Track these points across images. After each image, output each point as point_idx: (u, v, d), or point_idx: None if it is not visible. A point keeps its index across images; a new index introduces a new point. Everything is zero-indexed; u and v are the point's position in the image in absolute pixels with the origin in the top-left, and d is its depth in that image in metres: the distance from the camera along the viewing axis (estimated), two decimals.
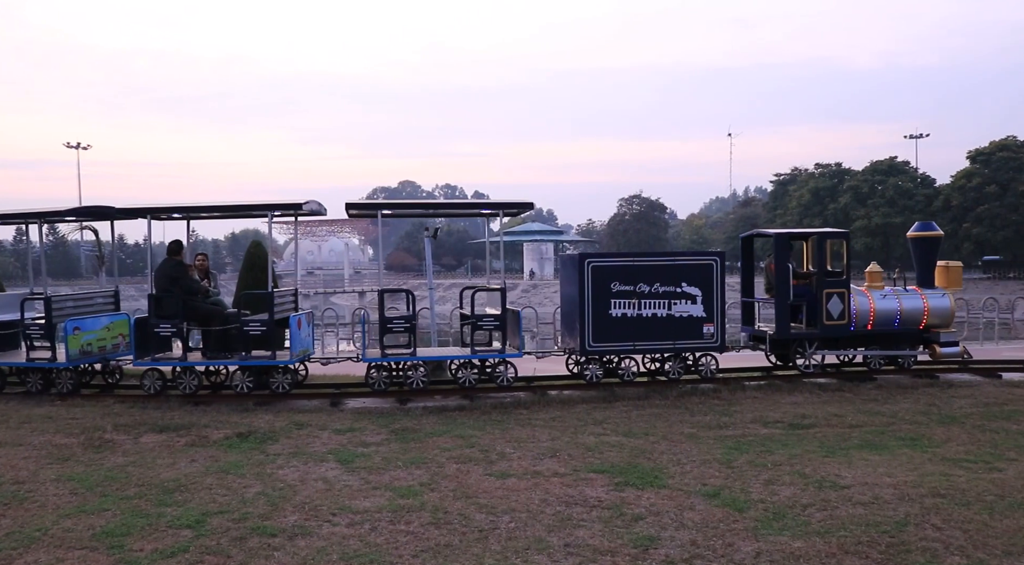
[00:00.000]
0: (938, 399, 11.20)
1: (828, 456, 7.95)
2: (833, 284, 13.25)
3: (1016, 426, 9.41)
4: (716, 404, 11.05)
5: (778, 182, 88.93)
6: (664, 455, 8.11)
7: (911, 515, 6.01)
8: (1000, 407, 10.63)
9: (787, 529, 5.75)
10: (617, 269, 12.62)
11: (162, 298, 11.74)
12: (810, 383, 12.68)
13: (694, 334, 12.68)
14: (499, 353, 12.14)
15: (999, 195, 66.00)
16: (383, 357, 11.84)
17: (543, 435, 9.14)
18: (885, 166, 77.63)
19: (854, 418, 9.94)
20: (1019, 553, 5.30)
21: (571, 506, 6.37)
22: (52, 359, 11.83)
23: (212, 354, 11.99)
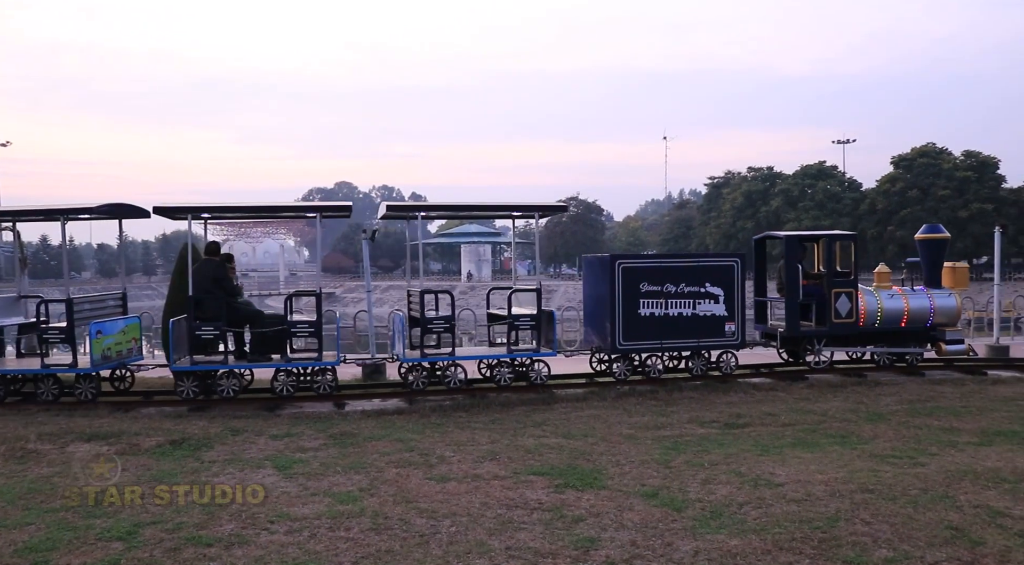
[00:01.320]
0: (866, 397, 11.56)
1: (763, 455, 8.12)
2: (841, 284, 13.82)
3: (937, 422, 9.76)
4: (654, 405, 11.20)
5: (712, 185, 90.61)
6: (603, 456, 8.18)
7: (842, 510, 6.18)
8: (923, 404, 11.02)
9: (724, 527, 5.86)
10: (646, 270, 13.03)
11: (203, 300, 11.46)
12: (744, 383, 12.95)
13: (717, 332, 13.14)
14: (534, 352, 12.40)
15: (920, 199, 68.41)
16: (423, 357, 12.02)
17: (483, 438, 9.14)
18: (815, 170, 79.80)
19: (787, 417, 10.18)
20: (941, 544, 5.50)
21: (512, 509, 6.38)
22: (74, 364, 11.29)
23: (253, 357, 11.80)
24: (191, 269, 11.41)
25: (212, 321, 11.40)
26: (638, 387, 12.63)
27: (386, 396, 12.18)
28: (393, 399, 11.93)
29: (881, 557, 5.25)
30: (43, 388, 11.55)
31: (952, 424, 9.62)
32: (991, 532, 5.76)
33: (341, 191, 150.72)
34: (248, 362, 11.78)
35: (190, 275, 11.40)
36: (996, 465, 7.63)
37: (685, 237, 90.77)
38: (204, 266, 11.73)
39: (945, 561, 5.21)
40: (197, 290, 11.46)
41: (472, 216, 15.94)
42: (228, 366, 11.54)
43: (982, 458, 7.92)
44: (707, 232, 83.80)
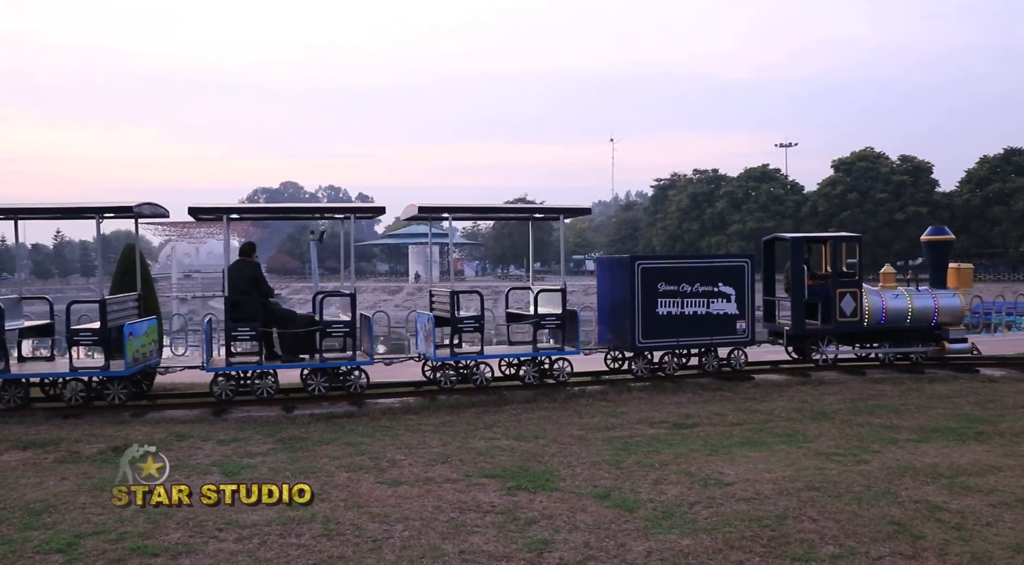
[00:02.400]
0: (810, 396, 11.79)
1: (712, 454, 8.23)
2: (846, 284, 14.28)
3: (879, 420, 10.01)
4: (603, 406, 11.27)
5: (658, 187, 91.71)
6: (555, 458, 8.20)
7: (789, 508, 6.30)
8: (864, 402, 11.28)
9: (676, 527, 5.92)
10: (664, 270, 13.48)
11: (240, 301, 11.38)
12: (693, 383, 13.11)
13: (729, 330, 13.61)
14: (559, 350, 12.68)
15: (860, 202, 70.21)
16: (452, 356, 12.24)
17: (434, 440, 9.09)
18: (758, 173, 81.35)
19: (734, 416, 10.34)
20: (884, 539, 5.64)
21: (465, 512, 6.36)
22: (106, 367, 11.03)
23: (287, 357, 11.75)
24: (226, 269, 11.43)
25: (249, 322, 11.34)
26: (587, 388, 12.70)
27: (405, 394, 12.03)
28: (342, 402, 11.80)
29: (828, 553, 5.37)
30: (68, 393, 11.15)
31: (892, 422, 9.88)
32: (931, 526, 5.92)
33: (287, 191, 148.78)
34: (281, 363, 11.70)
35: (225, 276, 11.38)
36: (934, 461, 7.85)
37: (632, 238, 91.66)
38: (241, 267, 11.71)
39: (888, 556, 5.34)
40: (233, 291, 11.39)
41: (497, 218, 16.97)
42: (263, 366, 11.48)
43: (921, 454, 8.15)
44: (653, 234, 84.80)
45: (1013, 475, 7.35)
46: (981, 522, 6.02)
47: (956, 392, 12.10)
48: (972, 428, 9.44)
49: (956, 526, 5.92)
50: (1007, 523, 6.01)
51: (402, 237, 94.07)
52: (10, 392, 10.97)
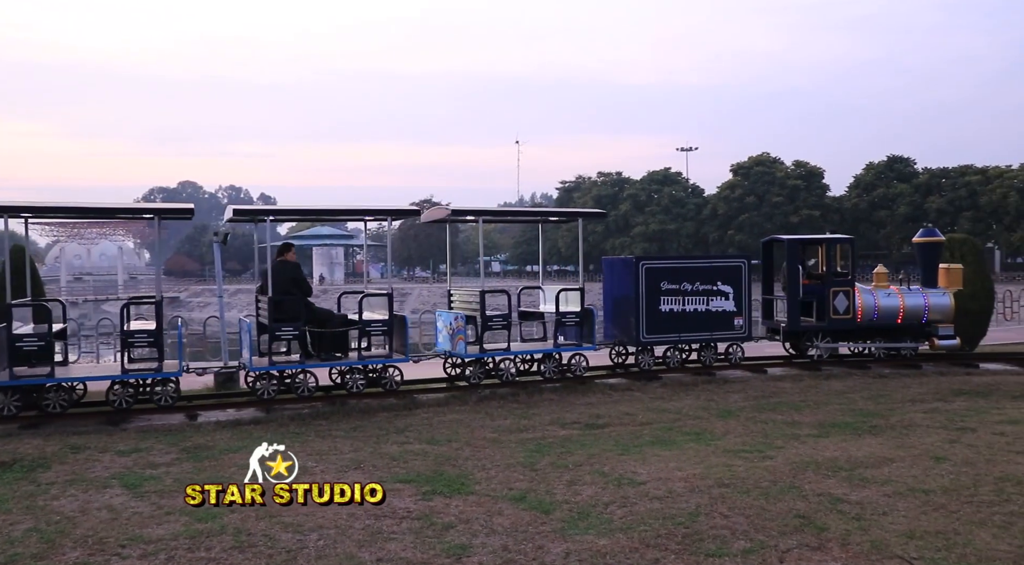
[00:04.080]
0: (716, 395, 12.13)
1: (624, 454, 8.35)
2: (839, 283, 15.18)
3: (781, 416, 10.37)
4: (515, 407, 11.31)
5: (563, 189, 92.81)
6: (469, 461, 8.18)
7: (701, 506, 6.44)
8: (767, 400, 11.67)
9: (592, 528, 5.98)
10: (666, 270, 14.35)
11: (283, 301, 11.46)
12: (601, 384, 13.30)
13: (727, 326, 14.53)
14: (577, 346, 13.35)
15: (757, 205, 72.78)
16: (481, 353, 12.81)
17: (345, 446, 8.94)
18: (660, 176, 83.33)
19: (644, 416, 10.53)
20: (791, 532, 5.83)
21: (380, 519, 6.26)
22: (159, 369, 10.91)
23: (326, 356, 11.91)
24: (270, 269, 11.53)
25: (291, 321, 11.42)
26: (499, 390, 12.72)
27: None
28: (249, 408, 11.48)
29: (740, 548, 5.52)
30: (116, 395, 10.89)
31: (794, 418, 10.25)
32: (833, 517, 6.16)
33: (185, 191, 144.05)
34: (319, 361, 11.84)
35: (270, 276, 11.50)
36: (834, 455, 8.18)
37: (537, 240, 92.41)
38: (283, 268, 11.81)
39: (796, 548, 5.53)
40: (276, 291, 11.47)
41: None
42: (303, 365, 11.64)
43: (822, 449, 8.47)
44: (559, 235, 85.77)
45: (904, 466, 7.72)
46: (878, 512, 6.30)
47: (851, 388, 12.67)
48: (867, 422, 9.89)
49: (856, 516, 6.18)
50: (901, 512, 6.31)
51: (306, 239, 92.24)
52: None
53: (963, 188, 69.46)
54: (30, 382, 10.49)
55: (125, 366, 10.88)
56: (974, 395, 11.87)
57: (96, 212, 12.49)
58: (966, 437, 8.96)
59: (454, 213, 13.20)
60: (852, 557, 5.36)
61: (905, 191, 71.81)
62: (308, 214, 14.92)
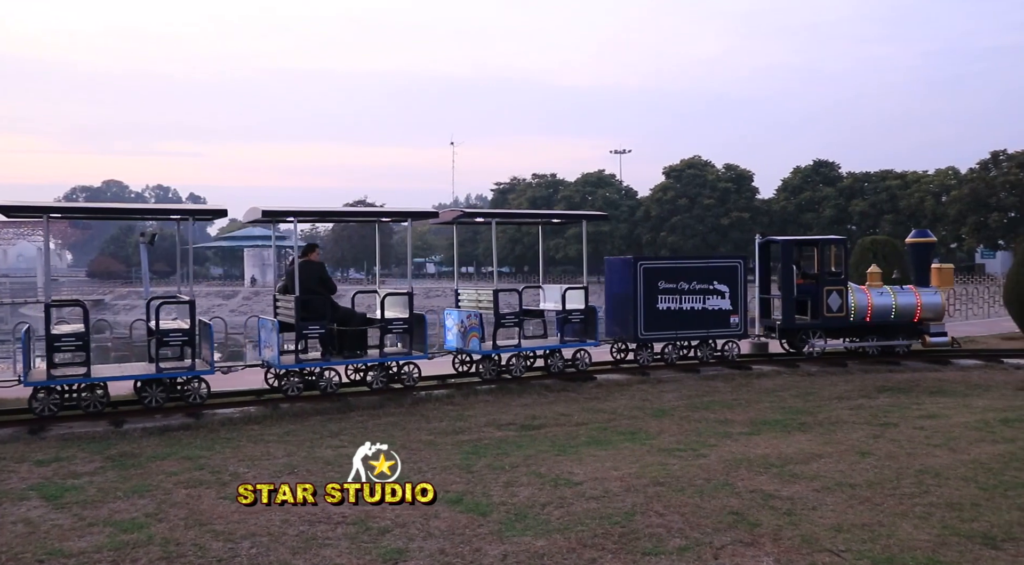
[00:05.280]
0: (650, 394, 12.27)
1: (560, 454, 8.39)
2: (833, 282, 15.70)
3: (714, 415, 10.55)
4: (451, 409, 11.26)
5: (498, 191, 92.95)
6: (404, 464, 8.04)
7: (637, 505, 6.50)
8: (700, 399, 11.86)
9: (530, 529, 5.98)
10: (663, 270, 14.98)
11: (309, 300, 11.73)
12: (537, 385, 13.34)
13: (723, 324, 15.12)
14: (581, 342, 13.97)
15: (689, 207, 74.10)
16: (494, 349, 13.37)
17: (278, 451, 8.77)
18: (595, 178, 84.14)
19: (580, 416, 10.59)
20: (725, 529, 5.93)
21: (315, 524, 6.15)
22: (192, 368, 11.10)
23: (348, 353, 12.25)
24: (296, 269, 11.72)
25: (318, 320, 11.70)
26: (434, 392, 12.65)
27: None
28: (178, 415, 11.17)
29: (675, 546, 5.58)
30: (148, 395, 10.93)
31: (726, 416, 10.43)
32: (765, 513, 6.28)
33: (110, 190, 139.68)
34: (342, 359, 12.16)
35: (296, 275, 11.64)
36: (765, 452, 8.36)
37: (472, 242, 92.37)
38: (309, 267, 12.02)
39: (730, 544, 5.62)
40: (303, 290, 11.69)
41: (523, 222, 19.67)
42: (328, 363, 11.92)
43: (753, 446, 8.65)
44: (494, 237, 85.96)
45: (832, 461, 7.93)
46: (808, 506, 6.46)
47: (781, 386, 12.96)
48: (796, 419, 10.13)
49: (787, 512, 6.31)
50: (829, 506, 6.47)
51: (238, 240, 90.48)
52: None
53: (884, 192, 71.98)
54: (65, 382, 10.58)
55: (160, 365, 11.04)
56: (896, 392, 12.26)
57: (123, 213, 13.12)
58: (889, 432, 9.25)
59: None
60: (783, 551, 5.47)
61: (830, 194, 74.00)
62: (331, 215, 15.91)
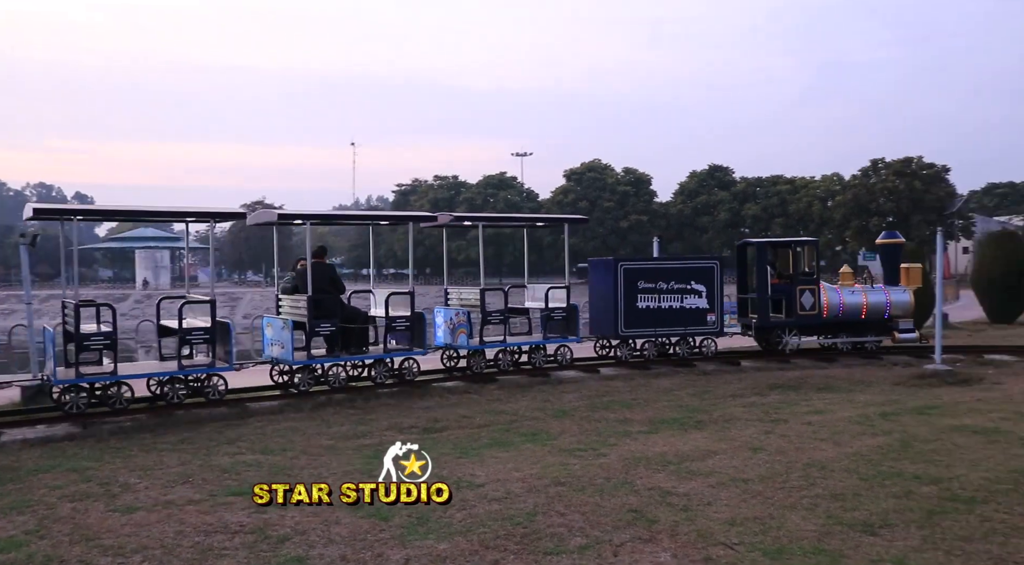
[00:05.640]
0: (551, 395, 12.41)
1: (462, 457, 8.39)
2: (805, 282, 16.56)
3: (614, 415, 10.75)
4: (352, 414, 11.12)
5: (399, 192, 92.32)
6: (305, 470, 7.95)
7: (539, 505, 6.57)
8: (600, 399, 12.06)
9: (432, 532, 5.96)
10: (643, 270, 15.84)
11: (321, 299, 12.36)
12: (439, 387, 13.33)
13: (700, 322, 15.89)
14: (563, 338, 14.91)
15: (589, 210, 75.24)
16: (481, 345, 14.40)
17: (172, 460, 8.48)
18: (496, 180, 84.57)
19: (482, 418, 10.62)
20: (624, 526, 6.06)
21: (211, 535, 5.98)
22: (212, 364, 11.53)
23: (354, 350, 12.96)
24: (309, 270, 12.34)
25: (328, 318, 12.35)
26: (334, 396, 12.47)
27: None
28: (62, 423, 10.65)
29: (576, 545, 5.67)
30: (169, 391, 11.37)
31: (625, 416, 10.65)
32: (663, 510, 6.45)
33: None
34: (348, 355, 12.89)
35: (309, 276, 12.28)
36: (663, 450, 8.57)
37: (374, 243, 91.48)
38: (321, 268, 12.73)
39: (629, 541, 5.75)
40: (315, 290, 12.31)
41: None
42: (337, 359, 12.74)
43: (651, 444, 8.86)
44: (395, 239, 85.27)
45: (726, 457, 8.20)
46: (703, 502, 6.66)
47: (678, 385, 13.32)
48: (692, 417, 10.43)
49: (684, 508, 6.50)
50: (723, 501, 6.69)
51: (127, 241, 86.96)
52: None
53: (775, 196, 74.97)
54: (94, 380, 10.86)
55: (182, 363, 11.34)
56: (786, 389, 12.77)
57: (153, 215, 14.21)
58: (779, 428, 9.63)
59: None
60: (680, 547, 5.63)
61: (725, 198, 76.56)
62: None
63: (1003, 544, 5.63)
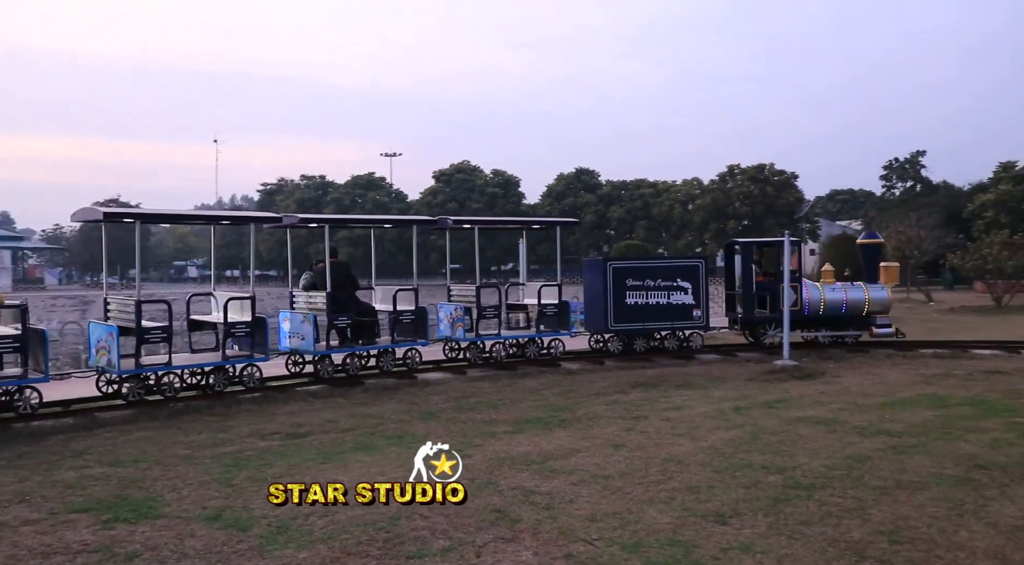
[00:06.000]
0: (418, 397, 12.36)
1: (325, 462, 8.23)
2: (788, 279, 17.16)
3: (480, 415, 10.80)
4: (211, 421, 10.72)
5: (265, 192, 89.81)
6: (158, 482, 7.60)
7: (402, 509, 6.47)
8: (467, 400, 12.10)
9: (292, 541, 5.82)
10: (631, 269, 17.07)
11: (338, 295, 13.62)
12: (303, 391, 13.03)
13: (686, 317, 17.09)
14: (556, 332, 16.25)
15: (458, 211, 75.51)
16: (477, 337, 15.54)
17: (7, 477, 7.91)
18: (364, 181, 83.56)
19: (347, 422, 10.44)
20: (488, 527, 6.11)
21: (49, 557, 5.61)
22: (251, 355, 12.67)
23: (365, 341, 14.30)
24: (327, 268, 13.66)
25: (345, 312, 13.75)
26: (193, 403, 11.98)
27: None
28: None
29: (439, 547, 5.67)
30: (216, 379, 12.45)
31: (491, 416, 10.72)
32: (526, 509, 6.54)
33: None
34: (360, 345, 14.18)
35: (328, 274, 13.59)
36: (527, 449, 8.68)
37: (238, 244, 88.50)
38: (339, 267, 14.15)
39: (492, 541, 5.80)
40: (333, 287, 13.56)
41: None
42: (353, 349, 14.03)
43: (516, 444, 8.96)
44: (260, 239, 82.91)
45: (588, 455, 8.40)
46: (565, 500, 6.80)
47: (544, 385, 13.52)
48: (557, 416, 10.62)
49: (546, 506, 6.61)
50: (585, 498, 6.85)
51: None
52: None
53: (639, 200, 77.45)
54: (150, 370, 11.75)
55: (226, 353, 12.43)
56: (647, 387, 13.18)
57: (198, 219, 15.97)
58: (640, 425, 9.94)
59: (456, 222, 16.06)
60: (542, 545, 5.72)
61: (591, 201, 78.45)
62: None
63: (836, 525, 6.04)
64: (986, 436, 8.89)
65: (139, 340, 11.50)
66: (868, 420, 9.86)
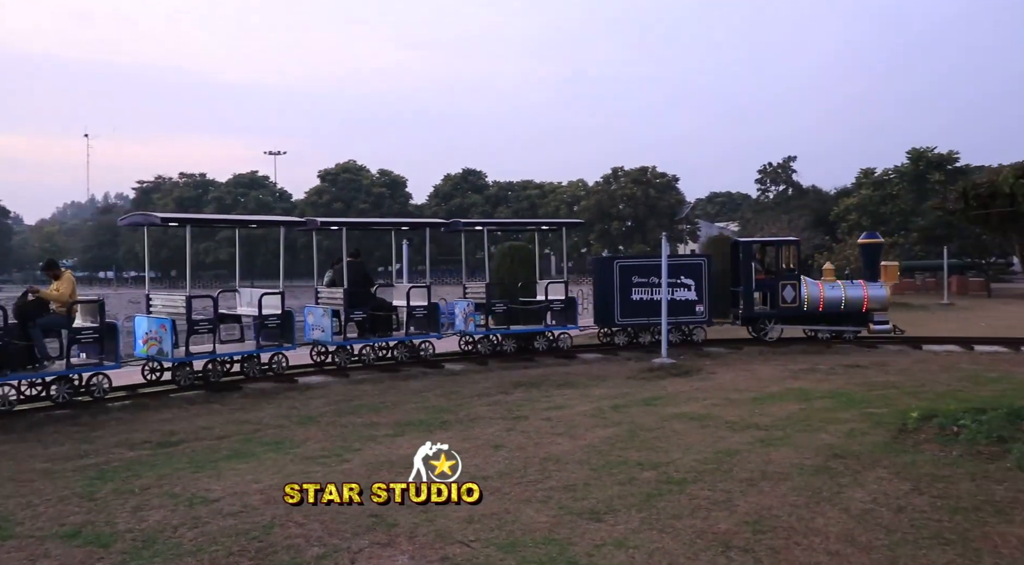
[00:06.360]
0: (298, 402, 12.10)
1: (198, 471, 7.95)
2: (787, 277, 18.59)
3: (361, 419, 10.67)
4: (75, 431, 10.19)
5: (142, 190, 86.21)
6: (11, 499, 7.15)
7: (277, 517, 6.36)
8: (348, 403, 11.93)
9: (158, 555, 5.59)
10: (636, 267, 18.11)
11: (355, 292, 15.00)
12: (178, 397, 12.56)
13: (690, 312, 18.03)
14: (563, 325, 17.33)
15: (344, 211, 74.39)
16: (487, 331, 16.86)
17: None
18: (247, 180, 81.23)
19: (222, 429, 10.12)
20: (364, 532, 6.00)
21: None
22: (280, 345, 14.07)
23: (381, 334, 15.51)
24: (345, 267, 15.17)
25: (361, 307, 15.06)
26: (55, 412, 11.35)
27: None
28: None
29: (314, 555, 5.56)
30: (247, 367, 13.89)
31: (373, 419, 10.60)
32: (403, 513, 6.45)
33: None
34: (376, 337, 15.46)
35: (346, 272, 15.11)
36: (407, 453, 8.50)
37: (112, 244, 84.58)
38: (356, 266, 15.57)
39: (368, 546, 5.73)
40: (350, 284, 14.99)
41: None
42: (368, 340, 15.36)
43: (396, 447, 8.87)
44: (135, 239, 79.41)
45: (468, 456, 8.34)
46: None
47: (427, 387, 13.47)
48: (439, 418, 10.60)
49: (423, 510, 6.56)
50: None
51: None
52: None
53: (525, 200, 78.20)
54: (200, 357, 13.11)
55: (260, 343, 13.79)
56: (529, 386, 13.32)
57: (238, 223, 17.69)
58: (520, 424, 10.03)
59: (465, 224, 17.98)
60: (418, 548, 5.70)
61: (478, 201, 78.69)
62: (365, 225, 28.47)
63: (705, 518, 6.26)
64: (843, 427, 9.41)
65: (189, 331, 12.89)
66: (739, 415, 10.28)
